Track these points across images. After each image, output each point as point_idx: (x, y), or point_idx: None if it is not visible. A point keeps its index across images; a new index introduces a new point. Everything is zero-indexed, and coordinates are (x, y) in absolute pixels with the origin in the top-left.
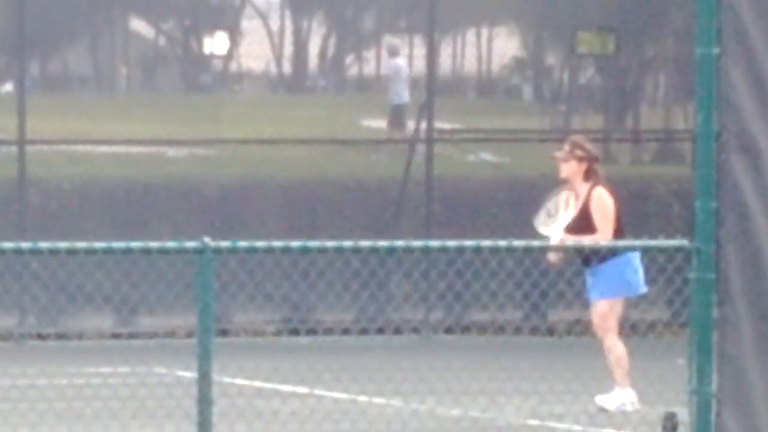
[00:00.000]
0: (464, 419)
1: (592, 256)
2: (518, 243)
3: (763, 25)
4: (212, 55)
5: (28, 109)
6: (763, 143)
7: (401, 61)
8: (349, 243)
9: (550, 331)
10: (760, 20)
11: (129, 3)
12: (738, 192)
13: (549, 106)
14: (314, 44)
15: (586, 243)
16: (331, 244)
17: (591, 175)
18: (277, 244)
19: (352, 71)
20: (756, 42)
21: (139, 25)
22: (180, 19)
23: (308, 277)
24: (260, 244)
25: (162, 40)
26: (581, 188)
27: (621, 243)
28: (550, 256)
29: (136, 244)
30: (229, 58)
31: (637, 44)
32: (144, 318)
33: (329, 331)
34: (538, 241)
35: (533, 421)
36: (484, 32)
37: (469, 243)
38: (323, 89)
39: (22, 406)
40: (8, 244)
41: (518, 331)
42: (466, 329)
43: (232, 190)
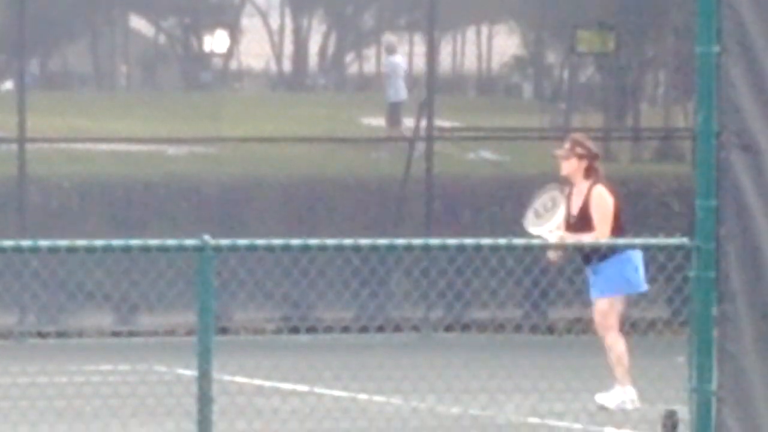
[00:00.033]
0: (464, 417)
1: (592, 254)
2: (518, 241)
3: (763, 24)
4: (212, 53)
5: (28, 107)
6: (763, 141)
7: (398, 59)
8: (349, 241)
9: (550, 329)
10: (761, 18)
11: (129, 1)
12: (738, 190)
13: (549, 104)
14: (314, 42)
15: (586, 241)
16: (331, 242)
17: (591, 173)
18: (277, 242)
19: (352, 69)
20: (756, 40)
21: (139, 23)
22: (180, 17)
23: (308, 275)
24: (260, 242)
25: (162, 38)
26: (581, 186)
27: (621, 241)
28: (550, 254)
29: (135, 242)
30: (229, 56)
31: (637, 43)
32: (144, 316)
33: (329, 329)
34: (538, 240)
35: (533, 419)
36: (484, 30)
37: (469, 241)
38: (323, 87)
39: (22, 404)
40: (8, 242)
41: (518, 329)
42: (466, 327)
43: (232, 188)
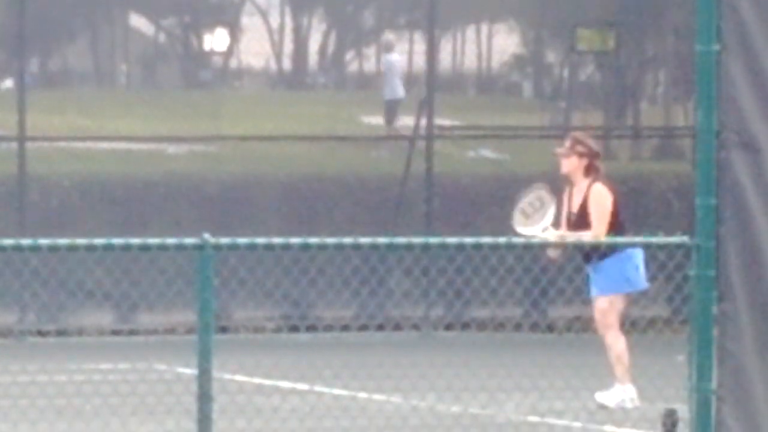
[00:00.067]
0: (464, 416)
1: (592, 252)
2: (518, 240)
3: (763, 22)
4: (212, 52)
5: (28, 106)
6: (763, 140)
7: (395, 57)
8: (349, 240)
9: (550, 328)
10: (761, 17)
11: (129, 0)
12: (738, 189)
13: (549, 103)
14: (314, 41)
15: (586, 239)
16: (331, 240)
17: (592, 171)
18: (277, 240)
19: (352, 68)
20: (756, 39)
21: (139, 22)
22: (180, 16)
23: (308, 273)
24: (260, 240)
25: (162, 37)
26: (582, 184)
27: (621, 239)
28: (550, 252)
29: (135, 241)
30: (229, 54)
31: (637, 41)
32: (144, 315)
33: (329, 328)
34: (538, 238)
35: (533, 418)
36: (484, 29)
37: (469, 240)
38: (323, 86)
39: (22, 402)
40: (8, 241)
41: (518, 327)
42: (466, 326)
43: (232, 186)
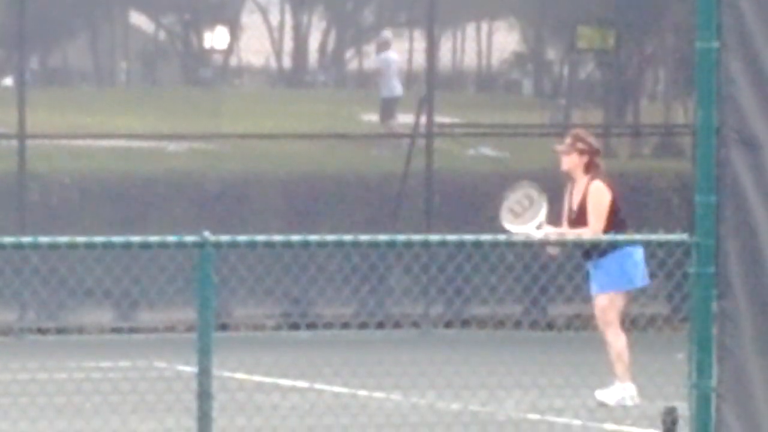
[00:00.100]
0: (464, 413)
1: (592, 249)
2: (518, 237)
3: (763, 20)
4: (212, 50)
5: (28, 104)
6: (763, 137)
7: (392, 55)
8: (349, 237)
9: (550, 326)
10: (760, 14)
11: None
12: (738, 186)
13: (549, 100)
14: (314, 39)
15: (586, 236)
16: (331, 238)
17: (592, 169)
18: (277, 238)
19: (352, 66)
20: (756, 36)
21: (139, 20)
22: (180, 14)
23: (308, 271)
24: (260, 238)
25: (162, 35)
26: (582, 181)
27: (621, 237)
28: (550, 249)
29: (135, 239)
30: (229, 52)
31: (637, 39)
32: (144, 312)
33: (329, 326)
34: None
35: (533, 416)
36: (484, 27)
37: (468, 237)
38: (323, 84)
39: (22, 400)
40: (8, 239)
41: (518, 325)
42: (465, 323)
43: (232, 184)
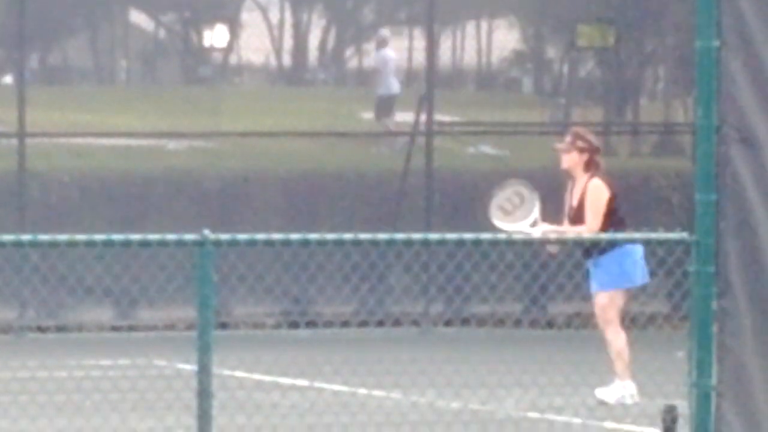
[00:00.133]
0: (464, 412)
1: (592, 247)
2: (517, 236)
3: (763, 18)
4: (212, 48)
5: (28, 102)
6: (763, 135)
7: (389, 52)
8: (348, 236)
9: (550, 324)
10: (760, 13)
11: None
12: (738, 184)
13: (549, 98)
14: (314, 37)
15: (586, 235)
16: (330, 236)
17: (591, 167)
18: (277, 236)
19: (352, 64)
20: (756, 34)
21: (139, 18)
22: (180, 12)
23: (308, 269)
24: (260, 236)
25: (162, 33)
26: (581, 179)
27: (621, 235)
28: (549, 247)
29: (135, 237)
30: (228, 50)
31: (637, 37)
32: (144, 310)
33: (329, 324)
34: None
35: (533, 414)
36: (484, 25)
37: (468, 236)
38: (323, 82)
39: (22, 398)
40: (8, 237)
41: (518, 323)
42: (465, 322)
43: (232, 182)
